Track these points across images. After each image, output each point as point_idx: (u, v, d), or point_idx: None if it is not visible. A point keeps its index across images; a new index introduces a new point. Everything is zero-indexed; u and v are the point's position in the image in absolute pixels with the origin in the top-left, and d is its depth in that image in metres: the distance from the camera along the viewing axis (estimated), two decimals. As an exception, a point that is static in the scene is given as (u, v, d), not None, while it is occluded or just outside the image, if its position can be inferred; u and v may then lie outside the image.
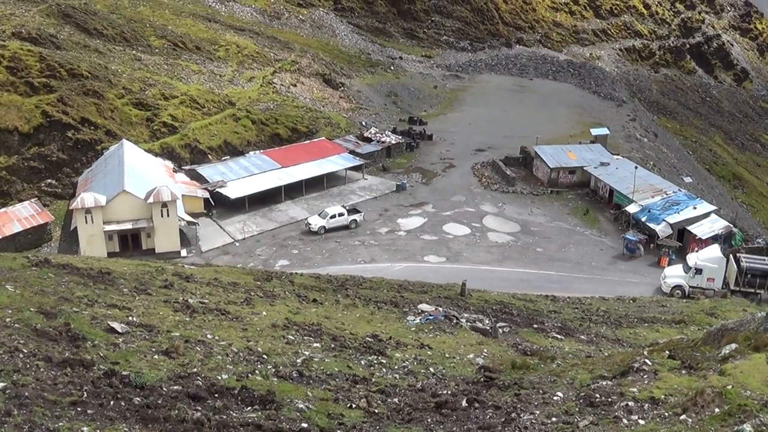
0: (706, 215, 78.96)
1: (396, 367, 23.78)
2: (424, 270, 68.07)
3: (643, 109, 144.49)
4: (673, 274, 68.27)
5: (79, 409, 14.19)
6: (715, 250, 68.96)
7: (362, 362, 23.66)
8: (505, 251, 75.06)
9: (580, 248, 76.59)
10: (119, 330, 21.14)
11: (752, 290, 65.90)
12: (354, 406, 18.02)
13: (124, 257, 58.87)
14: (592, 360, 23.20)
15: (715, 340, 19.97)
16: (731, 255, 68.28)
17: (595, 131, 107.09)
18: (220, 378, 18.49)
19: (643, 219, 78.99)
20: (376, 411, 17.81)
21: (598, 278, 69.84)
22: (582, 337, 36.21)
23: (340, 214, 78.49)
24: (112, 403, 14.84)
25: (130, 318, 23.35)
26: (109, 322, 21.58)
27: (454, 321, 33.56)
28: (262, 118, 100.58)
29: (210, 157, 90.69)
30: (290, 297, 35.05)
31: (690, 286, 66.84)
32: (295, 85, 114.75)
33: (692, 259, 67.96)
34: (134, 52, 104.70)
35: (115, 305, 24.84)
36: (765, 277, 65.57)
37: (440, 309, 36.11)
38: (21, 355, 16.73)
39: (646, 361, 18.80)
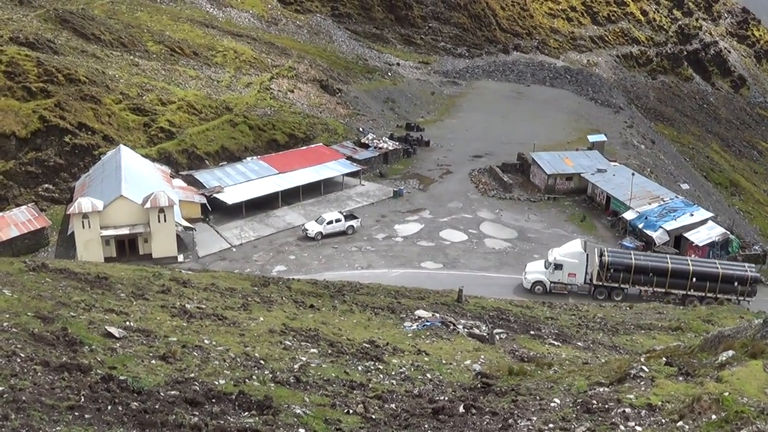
0: (703, 222, 79.14)
1: (393, 373, 23.79)
2: (421, 276, 68.08)
3: (641, 115, 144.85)
4: (534, 270, 68.31)
5: (76, 413, 14.20)
6: (575, 245, 69.11)
7: (359, 368, 23.67)
8: (502, 258, 75.09)
9: (577, 255, 76.52)
10: (116, 335, 21.13)
11: (616, 285, 66.39)
12: (351, 411, 18.04)
13: (122, 262, 58.84)
14: (589, 366, 23.22)
15: (712, 346, 20.00)
16: (597, 250, 68.79)
17: (592, 138, 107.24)
18: (217, 383, 18.49)
19: (640, 226, 79.09)
20: (373, 417, 17.83)
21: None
22: (579, 343, 36.23)
23: (337, 220, 78.48)
24: (109, 407, 14.85)
25: (128, 323, 23.34)
26: (107, 327, 21.58)
27: (451, 327, 33.57)
28: (260, 123, 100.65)
29: (207, 162, 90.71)
30: (287, 303, 35.05)
31: (551, 282, 67.02)
32: (292, 91, 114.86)
33: (552, 254, 67.97)
34: (132, 57, 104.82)
35: (112, 310, 24.83)
36: (629, 271, 65.87)
37: (437, 315, 36.13)
38: (18, 360, 16.73)
39: (643, 367, 18.83)
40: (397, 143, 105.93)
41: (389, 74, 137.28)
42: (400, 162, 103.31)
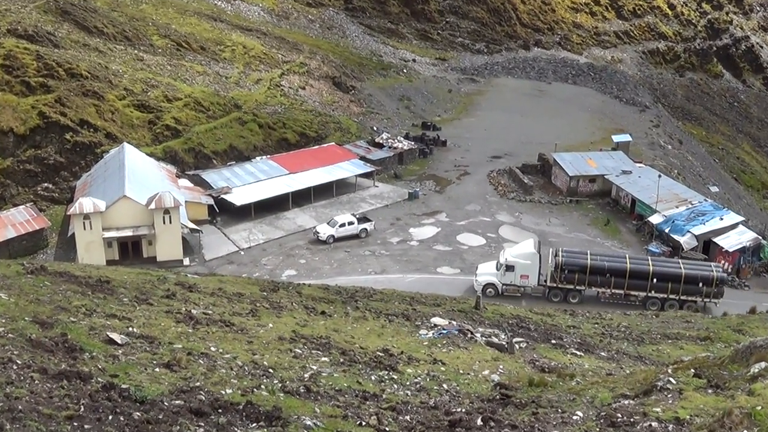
0: (734, 226, 78.58)
1: (408, 383, 23.69)
2: (437, 282, 68.08)
3: (667, 114, 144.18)
4: (485, 272, 68.05)
5: (75, 423, 14.11)
6: (528, 245, 68.91)
7: (372, 378, 23.57)
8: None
9: (601, 260, 76.24)
10: (119, 341, 21.10)
11: (571, 287, 66.17)
12: (364, 423, 17.94)
13: (124, 265, 58.95)
14: (613, 378, 23.07)
15: (743, 358, 19.79)
16: (552, 250, 68.76)
17: (616, 138, 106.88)
18: (224, 392, 18.42)
19: (667, 230, 78.68)
20: (387, 429, 17.73)
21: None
22: (602, 353, 36.02)
23: (350, 223, 78.50)
24: (110, 417, 14.77)
25: (130, 329, 23.32)
26: (108, 333, 21.55)
27: (469, 335, 33.45)
28: (270, 122, 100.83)
29: (215, 162, 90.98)
30: (297, 309, 35.03)
31: (503, 284, 66.77)
32: (303, 88, 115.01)
33: (503, 255, 67.73)
34: (136, 51, 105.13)
35: (114, 315, 24.84)
36: (584, 272, 65.69)
37: (454, 323, 36.03)
38: (15, 367, 16.69)
39: (671, 379, 18.66)
40: (413, 143, 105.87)
41: (405, 71, 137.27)
42: (415, 162, 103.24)
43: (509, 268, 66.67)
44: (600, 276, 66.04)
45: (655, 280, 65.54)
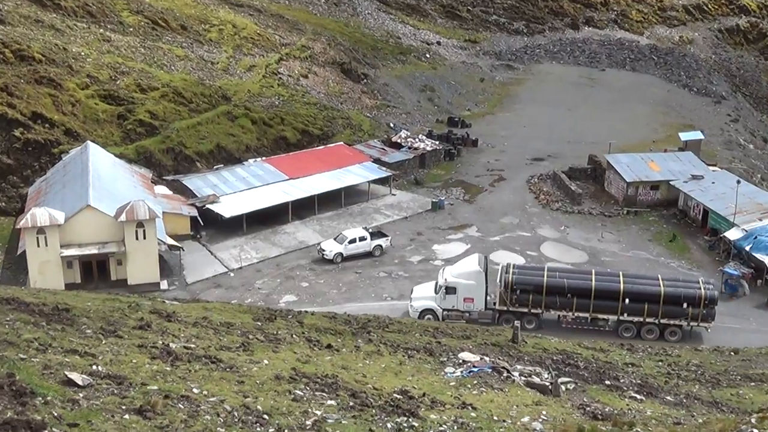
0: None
1: (431, 431, 23.62)
2: (466, 310, 67.98)
3: (749, 106, 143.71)
4: (422, 296, 67.55)
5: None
6: (471, 263, 68.37)
7: (388, 425, 23.49)
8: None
9: (666, 284, 75.97)
10: (80, 382, 21.04)
11: (525, 310, 65.78)
12: (378, 481, 17.87)
13: (88, 290, 59.04)
14: (682, 428, 22.91)
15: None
16: (501, 266, 68.50)
17: (685, 135, 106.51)
18: (208, 444, 18.39)
19: (748, 248, 78.15)
20: (406, 488, 17.65)
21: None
22: (668, 397, 35.84)
23: (362, 239, 78.44)
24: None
25: (95, 367, 23.27)
26: (67, 373, 21.49)
27: (505, 374, 33.36)
28: (265, 117, 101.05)
29: (199, 165, 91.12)
30: (298, 342, 35.01)
31: (443, 310, 66.27)
32: (306, 77, 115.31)
33: (443, 275, 67.28)
34: (102, 30, 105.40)
35: (74, 351, 24.79)
36: (540, 292, 65.30)
37: (487, 359, 35.94)
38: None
39: (754, 430, 18.52)
40: (437, 142, 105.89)
41: (427, 56, 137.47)
42: (440, 166, 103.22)
43: (450, 290, 66.26)
44: (560, 297, 65.60)
45: (627, 300, 64.92)
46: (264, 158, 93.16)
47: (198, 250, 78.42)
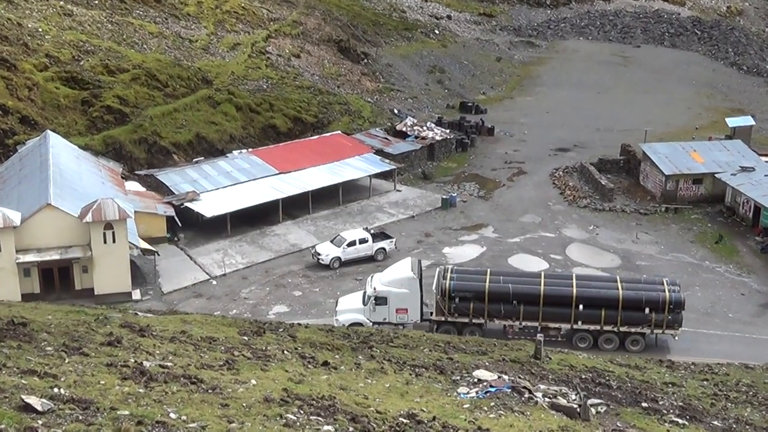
0: None
1: (442, 461, 23.67)
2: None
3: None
4: (348, 308, 67.45)
5: None
6: (403, 268, 68.15)
7: (394, 454, 23.56)
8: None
9: (710, 292, 75.97)
10: (39, 408, 21.03)
11: (466, 320, 65.78)
12: None
13: (48, 301, 58.93)
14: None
15: None
16: (438, 271, 68.19)
17: (733, 121, 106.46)
18: (187, 476, 18.42)
19: (805, 250, 78.44)
20: None
21: (737, 336, 69.11)
22: (715, 422, 35.84)
23: (362, 241, 78.51)
24: None
25: (56, 390, 23.27)
26: (24, 397, 21.49)
27: (526, 395, 33.38)
28: (252, 102, 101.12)
29: (176, 157, 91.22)
30: (291, 359, 35.02)
31: (373, 323, 65.95)
32: (297, 56, 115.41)
33: (372, 283, 67.20)
34: (62, 3, 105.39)
35: (32, 371, 24.79)
36: (482, 299, 65.22)
37: (505, 377, 35.94)
38: None
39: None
40: (448, 131, 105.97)
41: (436, 32, 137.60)
42: (451, 158, 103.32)
43: (380, 300, 66.18)
44: (504, 304, 65.56)
45: (581, 306, 65.02)
46: (250, 150, 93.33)
47: (175, 254, 78.53)
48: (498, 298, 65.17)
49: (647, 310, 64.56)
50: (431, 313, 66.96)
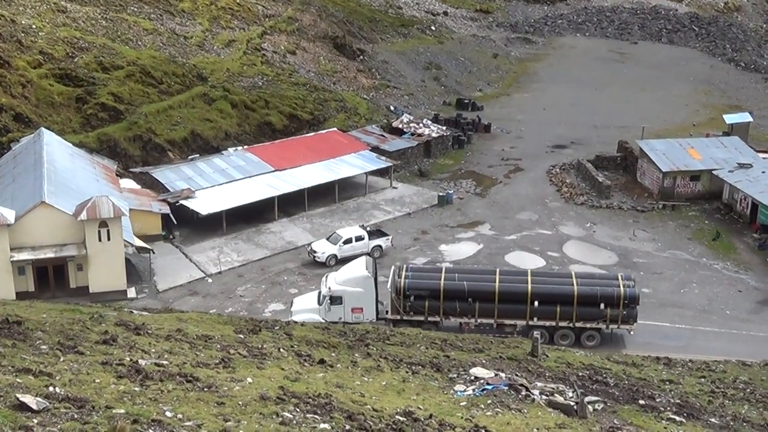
0: None
1: (439, 459, 23.67)
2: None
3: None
4: (303, 308, 67.38)
5: None
6: (358, 267, 68.35)
7: (390, 452, 23.57)
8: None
9: (708, 289, 76.05)
10: (34, 406, 21.01)
11: (422, 318, 65.89)
12: None
13: (43, 299, 58.90)
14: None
15: None
16: (393, 269, 68.56)
17: (730, 118, 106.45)
18: (183, 474, 18.43)
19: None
20: None
21: (734, 333, 69.22)
22: (712, 419, 35.87)
23: (358, 239, 78.50)
24: None
25: (51, 388, 23.24)
26: (19, 395, 21.46)
27: (523, 393, 33.41)
28: (247, 99, 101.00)
29: (171, 155, 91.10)
30: (287, 357, 35.01)
31: (329, 323, 65.87)
32: (293, 53, 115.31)
33: (326, 282, 67.36)
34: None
35: (27, 370, 24.76)
36: (437, 297, 65.39)
37: (502, 375, 35.97)
38: None
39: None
40: (444, 128, 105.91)
41: (433, 28, 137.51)
42: (448, 155, 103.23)
43: (335, 299, 66.37)
44: (460, 302, 65.83)
45: (536, 303, 65.26)
46: (246, 147, 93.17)
47: (171, 252, 78.50)
48: (453, 296, 65.59)
49: (602, 306, 64.84)
50: (387, 312, 67.25)
